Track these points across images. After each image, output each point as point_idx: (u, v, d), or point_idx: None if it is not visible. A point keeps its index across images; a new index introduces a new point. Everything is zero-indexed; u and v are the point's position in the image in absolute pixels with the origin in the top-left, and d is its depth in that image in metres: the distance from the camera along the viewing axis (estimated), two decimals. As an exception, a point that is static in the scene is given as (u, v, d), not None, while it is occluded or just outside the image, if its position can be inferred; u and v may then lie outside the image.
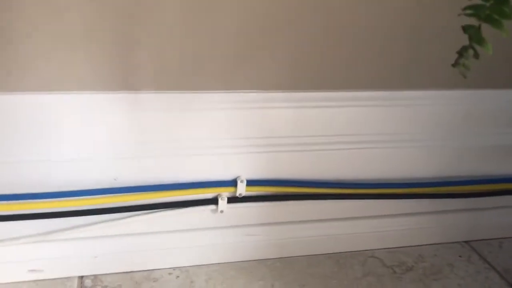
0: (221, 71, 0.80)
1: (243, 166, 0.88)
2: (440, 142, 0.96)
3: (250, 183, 0.89)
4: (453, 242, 1.06)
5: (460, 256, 1.02)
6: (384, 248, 1.03)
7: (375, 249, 1.02)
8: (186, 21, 0.75)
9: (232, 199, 0.90)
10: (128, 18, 0.73)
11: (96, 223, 0.86)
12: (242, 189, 0.89)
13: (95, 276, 0.89)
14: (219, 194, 0.89)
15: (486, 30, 0.48)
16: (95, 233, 0.87)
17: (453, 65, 0.51)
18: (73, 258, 0.88)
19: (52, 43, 0.72)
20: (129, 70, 0.77)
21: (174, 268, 0.93)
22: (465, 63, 0.50)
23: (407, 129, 0.93)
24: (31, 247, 0.85)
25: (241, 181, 0.88)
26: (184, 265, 0.93)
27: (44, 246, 0.86)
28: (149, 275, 0.91)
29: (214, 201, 0.89)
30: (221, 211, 0.89)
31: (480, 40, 0.48)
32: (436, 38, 0.86)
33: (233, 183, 0.88)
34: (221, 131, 0.85)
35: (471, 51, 0.50)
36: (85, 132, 0.79)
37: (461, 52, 0.50)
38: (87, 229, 0.85)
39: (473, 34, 0.49)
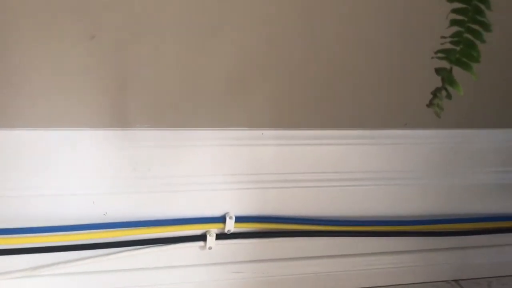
0: (212, 108, 0.83)
1: (232, 202, 0.90)
2: (427, 180, 0.98)
3: (239, 219, 0.90)
4: (442, 281, 1.06)
5: (448, 295, 1.03)
6: (374, 287, 1.02)
7: (364, 288, 1.02)
8: (179, 61, 0.78)
9: (220, 236, 0.90)
10: (123, 57, 0.76)
11: (85, 258, 0.86)
12: (230, 226, 0.89)
13: (82, 312, 0.89)
14: (207, 231, 0.90)
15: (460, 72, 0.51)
16: (83, 268, 0.87)
17: (428, 105, 0.54)
18: (61, 294, 0.88)
19: (44, 80, 0.75)
20: (122, 107, 0.80)
21: (161, 306, 0.92)
22: (439, 104, 0.53)
23: (394, 167, 0.95)
24: (19, 282, 0.85)
25: (230, 218, 0.89)
26: (172, 303, 0.93)
27: (33, 282, 0.85)
28: (136, 312, 0.90)
29: (202, 237, 0.90)
30: (210, 248, 0.90)
31: (451, 82, 0.51)
32: (421, 77, 0.89)
33: (222, 219, 0.89)
34: (210, 168, 0.86)
35: (444, 92, 0.52)
36: (75, 167, 0.80)
37: (435, 93, 0.53)
38: (75, 264, 0.85)
39: (445, 76, 0.51)
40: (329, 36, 0.83)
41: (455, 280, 1.07)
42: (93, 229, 0.84)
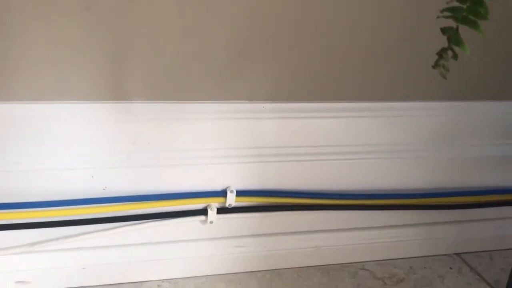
0: (212, 81, 0.82)
1: (233, 177, 0.89)
2: (429, 153, 0.97)
3: (240, 193, 0.89)
4: (443, 255, 1.06)
5: (450, 268, 1.02)
6: (375, 260, 1.02)
7: (365, 261, 1.02)
8: (178, 33, 0.77)
9: (221, 210, 0.89)
10: (120, 28, 0.75)
11: (84, 233, 0.85)
12: (231, 200, 0.89)
13: (83, 287, 0.88)
14: (208, 205, 0.89)
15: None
16: (83, 243, 0.86)
17: (433, 67, 0.52)
18: (61, 269, 0.87)
19: (45, 54, 0.73)
20: (120, 79, 0.78)
21: (162, 280, 0.92)
22: (445, 65, 0.51)
23: (395, 140, 0.94)
24: (19, 258, 0.84)
25: (231, 192, 0.88)
26: (173, 277, 0.93)
27: (32, 257, 0.85)
28: (137, 287, 0.90)
29: (203, 211, 0.89)
30: (211, 222, 0.89)
31: (458, 41, 0.50)
32: (423, 48, 0.87)
33: (223, 193, 0.89)
34: (211, 141, 0.85)
35: (450, 53, 0.51)
36: (74, 141, 0.79)
37: (441, 54, 0.51)
38: (76, 239, 0.85)
39: (452, 36, 0.50)
40: (329, 7, 0.81)
41: (457, 254, 1.07)
42: (93, 203, 0.83)
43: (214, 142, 0.86)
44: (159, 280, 0.92)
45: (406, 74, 0.90)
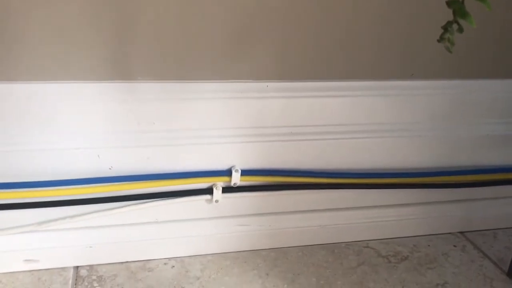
0: (216, 60, 0.81)
1: (238, 156, 0.89)
2: (434, 132, 0.97)
3: (245, 172, 0.90)
4: (448, 233, 1.07)
5: (454, 246, 1.03)
6: (379, 239, 1.03)
7: (370, 240, 1.02)
8: (182, 11, 0.77)
9: (226, 189, 0.90)
10: (123, 7, 0.74)
11: (91, 212, 0.86)
12: (236, 179, 0.89)
13: (91, 266, 0.90)
14: (214, 184, 0.90)
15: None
16: (90, 222, 0.87)
17: (438, 40, 0.52)
18: (69, 248, 0.88)
19: (46, 32, 0.73)
20: (124, 59, 0.78)
21: (169, 258, 0.93)
22: (450, 38, 0.51)
23: (401, 118, 0.94)
24: (27, 236, 0.85)
25: (236, 171, 0.89)
26: (179, 255, 0.94)
27: (40, 236, 0.86)
28: (144, 265, 0.91)
29: (209, 191, 0.90)
30: (216, 201, 0.90)
31: (463, 14, 0.49)
32: (429, 27, 0.87)
33: (228, 172, 0.89)
34: (216, 121, 0.86)
35: (455, 26, 0.51)
36: (80, 121, 0.80)
37: (446, 27, 0.51)
38: (82, 218, 0.86)
39: (457, 9, 0.50)
40: (334, -17, 0.81)
41: (461, 232, 1.08)
42: (99, 183, 0.84)
43: (219, 121, 0.86)
44: (165, 258, 0.93)
45: (412, 52, 0.90)
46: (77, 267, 0.89)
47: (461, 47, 0.91)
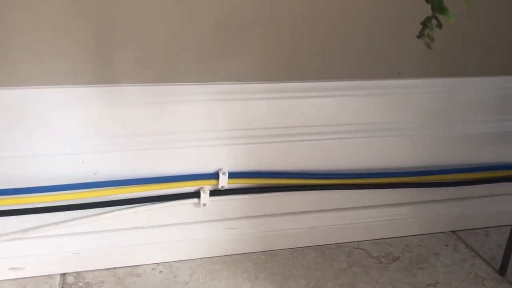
0: (201, 62, 0.81)
1: (225, 158, 0.88)
2: (423, 131, 0.96)
3: (232, 175, 0.89)
4: (439, 232, 1.06)
5: (446, 245, 1.02)
6: (370, 240, 1.02)
7: (360, 241, 1.01)
8: (165, 13, 0.76)
9: (214, 192, 0.89)
10: (105, 10, 0.74)
11: (77, 218, 0.85)
12: (224, 182, 0.88)
13: (78, 273, 0.88)
14: (201, 187, 0.89)
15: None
16: (76, 229, 0.86)
17: (418, 36, 0.52)
18: (55, 255, 0.87)
19: (27, 37, 0.72)
20: (107, 62, 0.77)
21: (157, 264, 0.92)
22: (429, 34, 0.51)
23: (389, 118, 0.93)
24: (11, 244, 0.84)
25: (223, 174, 0.88)
26: (168, 260, 0.93)
27: (25, 243, 0.85)
28: (132, 271, 0.90)
29: (196, 194, 0.89)
30: (204, 205, 0.89)
31: (442, 9, 0.49)
32: (415, 26, 0.86)
33: (215, 175, 0.88)
34: (202, 123, 0.85)
35: (434, 21, 0.50)
36: (63, 126, 0.79)
37: (425, 23, 0.50)
38: (68, 224, 0.85)
39: (436, 4, 0.49)
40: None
41: (453, 231, 1.07)
42: (84, 188, 0.83)
43: (205, 124, 0.85)
44: (153, 263, 0.92)
45: (398, 51, 0.89)
46: (64, 274, 0.88)
47: (447, 46, 0.90)
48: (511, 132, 1.01)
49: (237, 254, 0.95)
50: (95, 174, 0.83)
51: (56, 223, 0.84)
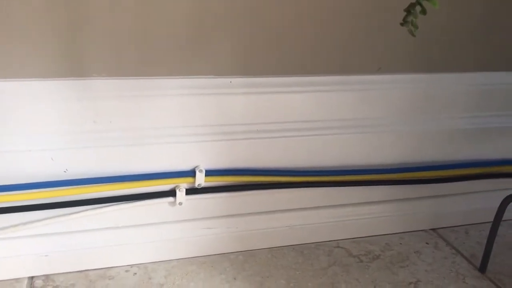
0: (176, 55, 0.78)
1: (202, 155, 0.86)
2: (402, 127, 0.95)
3: (210, 173, 0.86)
4: (420, 230, 1.05)
5: (427, 243, 1.01)
6: (350, 238, 1.00)
7: (340, 240, 1.00)
8: (139, 4, 0.73)
9: (190, 191, 0.86)
10: (77, 0, 0.70)
11: (46, 218, 0.81)
12: (201, 179, 0.85)
13: (47, 276, 0.84)
14: (177, 186, 0.86)
15: None
16: (45, 230, 0.82)
17: (402, 24, 0.50)
18: (22, 258, 0.83)
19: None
20: (78, 54, 0.74)
21: (131, 265, 0.88)
22: (413, 21, 0.49)
23: (369, 114, 0.92)
24: (-24, 246, 0.80)
25: (200, 171, 0.85)
26: (142, 262, 0.89)
27: (-9, 245, 0.81)
28: (104, 273, 0.86)
29: (172, 193, 0.86)
30: (180, 203, 0.86)
31: (426, -6, 0.47)
32: (395, 20, 0.85)
33: (192, 173, 0.85)
34: (177, 119, 0.82)
35: (418, 8, 0.48)
36: (31, 121, 0.75)
37: (409, 9, 0.49)
38: (36, 225, 0.81)
39: (420, -11, 0.47)
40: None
41: (433, 229, 1.06)
42: (53, 187, 0.79)
43: (181, 119, 0.82)
44: (127, 265, 0.88)
45: (378, 46, 0.88)
46: (32, 277, 0.84)
47: (428, 40, 0.89)
48: (489, 129, 1.01)
49: (214, 255, 0.92)
50: (65, 172, 0.79)
51: (23, 224, 0.80)
